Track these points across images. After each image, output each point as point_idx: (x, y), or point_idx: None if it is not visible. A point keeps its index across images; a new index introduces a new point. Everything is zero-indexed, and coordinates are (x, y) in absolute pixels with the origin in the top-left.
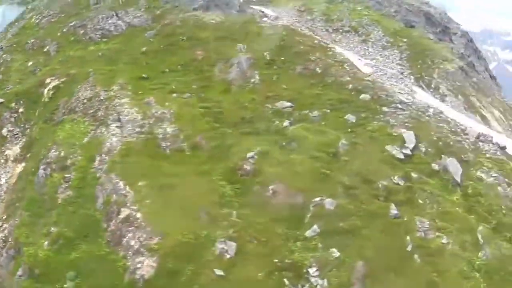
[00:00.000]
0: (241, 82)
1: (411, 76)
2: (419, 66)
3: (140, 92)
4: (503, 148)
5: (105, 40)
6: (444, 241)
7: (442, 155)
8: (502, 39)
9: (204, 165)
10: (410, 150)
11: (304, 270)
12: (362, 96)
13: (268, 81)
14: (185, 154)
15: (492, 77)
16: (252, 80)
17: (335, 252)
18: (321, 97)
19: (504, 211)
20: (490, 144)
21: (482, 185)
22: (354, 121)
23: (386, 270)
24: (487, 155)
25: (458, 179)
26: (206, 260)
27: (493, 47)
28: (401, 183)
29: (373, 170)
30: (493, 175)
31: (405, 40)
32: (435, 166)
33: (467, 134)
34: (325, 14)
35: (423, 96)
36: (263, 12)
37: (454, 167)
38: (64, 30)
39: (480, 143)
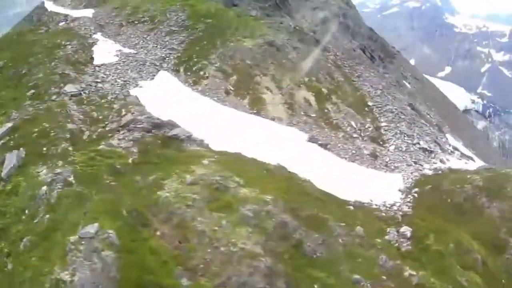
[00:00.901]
0: None
1: (174, 61)
2: (198, 48)
3: None
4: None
5: None
6: None
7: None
8: (497, 41)
9: None
10: None
11: None
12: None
13: None
14: None
15: (374, 58)
16: None
17: None
18: None
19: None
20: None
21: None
22: None
23: None
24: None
25: (3, 173)
26: None
27: (487, 49)
28: None
29: None
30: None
31: (209, 21)
32: None
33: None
34: (135, 8)
35: (160, 82)
36: (66, 16)
37: (10, 159)
38: None
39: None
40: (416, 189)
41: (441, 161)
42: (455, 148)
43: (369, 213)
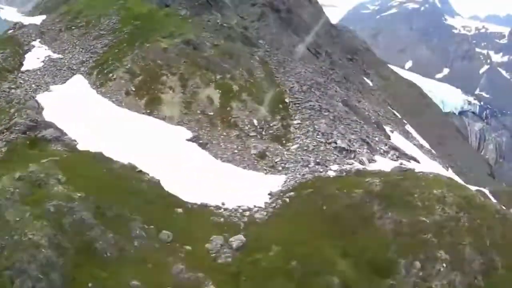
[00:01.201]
0: None
1: (92, 64)
2: (117, 51)
3: None
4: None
5: None
6: None
7: None
8: (496, 42)
9: None
10: None
11: None
12: None
13: None
14: None
15: (320, 54)
16: None
17: None
18: None
19: None
20: None
21: None
22: None
23: None
24: None
25: None
26: None
27: (486, 50)
28: None
29: None
30: None
31: (137, 23)
32: None
33: None
34: (77, 13)
35: (70, 86)
36: (16, 24)
37: None
38: None
39: None
40: (292, 193)
41: (361, 161)
42: (393, 148)
43: (205, 217)
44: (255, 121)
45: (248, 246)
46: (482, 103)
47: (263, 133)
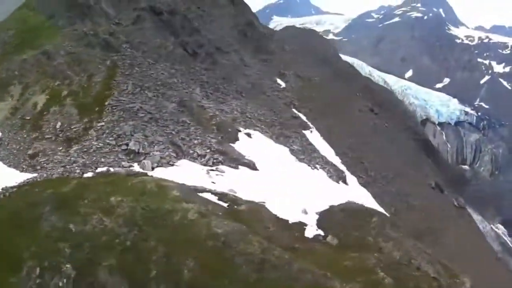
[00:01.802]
0: None
1: None
2: None
3: None
4: None
5: None
6: None
7: None
8: (498, 52)
9: None
10: None
11: None
12: None
13: None
14: None
15: (197, 54)
16: None
17: None
18: None
19: None
20: None
21: None
22: None
23: None
24: None
25: None
26: None
27: (488, 60)
28: None
29: None
30: None
31: (24, 36)
32: None
33: None
34: None
35: None
36: None
37: None
38: None
39: None
40: (15, 189)
41: (142, 165)
42: (221, 152)
43: None
44: (59, 124)
45: None
46: (479, 113)
47: (60, 135)
